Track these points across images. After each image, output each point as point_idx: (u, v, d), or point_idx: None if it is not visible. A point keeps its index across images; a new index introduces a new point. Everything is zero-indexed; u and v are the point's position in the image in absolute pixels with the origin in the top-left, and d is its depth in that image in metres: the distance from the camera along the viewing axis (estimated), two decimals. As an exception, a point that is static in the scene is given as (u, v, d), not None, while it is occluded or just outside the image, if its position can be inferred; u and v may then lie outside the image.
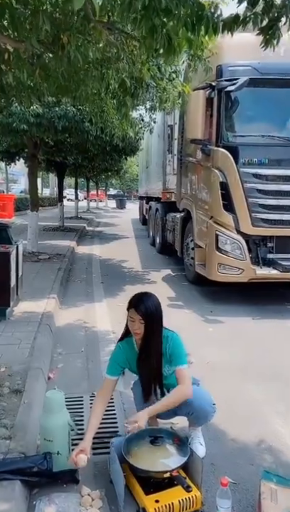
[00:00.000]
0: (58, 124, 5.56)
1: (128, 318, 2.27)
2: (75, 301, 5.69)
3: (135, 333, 2.25)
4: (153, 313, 2.22)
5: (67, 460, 2.21)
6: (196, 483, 2.05)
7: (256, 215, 5.23)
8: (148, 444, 2.15)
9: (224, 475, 2.27)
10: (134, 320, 2.22)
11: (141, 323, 2.21)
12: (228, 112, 5.28)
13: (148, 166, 12.97)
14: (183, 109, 6.97)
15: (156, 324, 2.24)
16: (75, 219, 17.81)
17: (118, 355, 2.40)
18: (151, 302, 2.24)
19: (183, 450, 2.13)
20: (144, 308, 2.20)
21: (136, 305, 2.21)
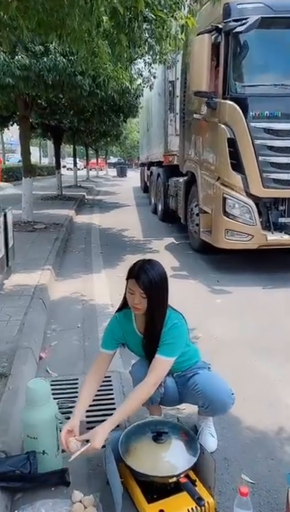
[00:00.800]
0: (48, 78, 4.99)
1: (126, 289, 1.88)
2: (72, 273, 5.32)
3: (135, 307, 1.86)
4: (157, 286, 1.81)
5: (55, 458, 1.89)
6: (208, 487, 1.72)
7: (267, 175, 4.74)
8: (149, 441, 1.80)
9: (240, 472, 1.96)
10: (134, 293, 1.81)
11: (142, 298, 1.81)
12: (237, 58, 4.70)
13: (149, 129, 12.30)
14: (185, 60, 6.34)
15: (161, 300, 1.85)
16: (74, 188, 17.23)
17: (114, 328, 2.03)
18: (155, 272, 1.82)
19: (192, 448, 1.78)
20: (147, 280, 1.78)
21: (137, 275, 1.79)
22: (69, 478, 1.86)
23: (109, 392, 2.63)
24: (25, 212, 7.72)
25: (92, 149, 28.14)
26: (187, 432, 1.89)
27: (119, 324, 2.02)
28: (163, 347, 1.87)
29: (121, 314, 2.03)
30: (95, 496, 1.76)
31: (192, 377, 2.03)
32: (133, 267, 1.85)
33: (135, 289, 1.80)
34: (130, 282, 1.83)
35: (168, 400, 2.12)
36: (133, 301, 1.84)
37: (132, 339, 2.02)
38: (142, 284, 1.77)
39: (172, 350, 1.88)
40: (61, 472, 1.86)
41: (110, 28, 3.19)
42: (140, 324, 1.98)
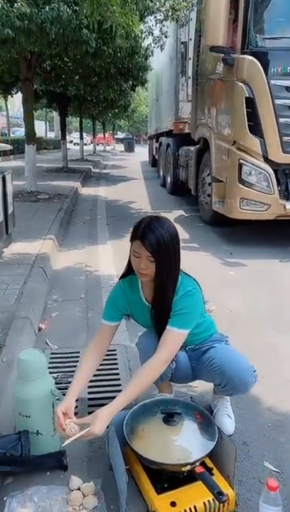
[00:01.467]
0: (51, 31, 4.58)
1: (131, 251, 1.59)
2: (76, 243, 5.05)
3: (140, 273, 1.57)
4: (167, 248, 1.51)
5: (51, 439, 1.65)
6: (226, 476, 1.48)
7: (288, 139, 4.37)
8: (160, 423, 1.55)
9: (262, 459, 1.71)
10: (140, 256, 1.53)
11: (149, 261, 1.52)
12: (258, 7, 4.25)
13: (158, 99, 11.77)
14: (200, 17, 5.87)
15: (171, 263, 1.56)
16: (80, 161, 16.79)
17: (117, 297, 1.75)
18: (164, 231, 1.52)
19: (209, 431, 1.53)
20: (155, 241, 1.49)
21: (143, 235, 1.50)
22: (66, 461, 1.63)
23: (114, 367, 2.39)
24: (28, 182, 7.40)
25: (99, 122, 27.43)
26: (202, 412, 1.64)
27: (123, 293, 1.74)
28: (175, 318, 1.60)
29: (125, 282, 1.75)
30: (96, 482, 1.53)
31: (208, 351, 1.76)
32: (138, 226, 1.55)
33: (141, 251, 1.52)
34: (135, 244, 1.54)
35: (180, 377, 1.86)
36: (139, 266, 1.55)
37: (139, 309, 1.75)
38: (149, 245, 1.48)
39: (186, 322, 1.60)
40: (57, 455, 1.63)
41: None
42: (148, 292, 1.70)
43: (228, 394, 1.74)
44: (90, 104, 14.80)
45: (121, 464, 1.41)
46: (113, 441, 1.53)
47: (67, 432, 1.48)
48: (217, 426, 1.56)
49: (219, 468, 1.51)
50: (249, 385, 1.65)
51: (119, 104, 15.63)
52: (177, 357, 1.79)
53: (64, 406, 1.53)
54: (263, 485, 1.57)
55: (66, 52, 5.53)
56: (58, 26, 4.68)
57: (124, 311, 1.76)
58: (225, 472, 1.49)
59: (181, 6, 6.23)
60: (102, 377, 2.26)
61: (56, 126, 33.18)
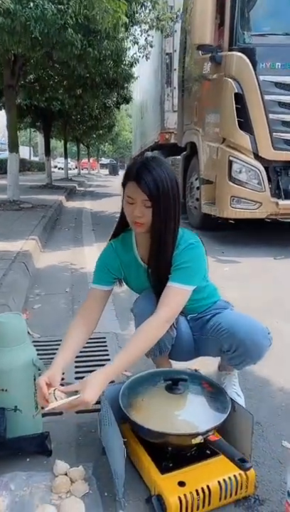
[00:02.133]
0: (35, 29, 4.51)
1: (124, 198, 1.37)
2: (61, 245, 4.82)
3: (135, 222, 1.35)
4: (166, 189, 1.29)
5: (32, 419, 1.39)
6: (242, 454, 1.23)
7: (278, 135, 4.31)
8: (162, 392, 1.31)
9: (279, 439, 1.48)
10: (134, 201, 1.32)
11: (145, 207, 1.31)
12: (245, 4, 4.26)
13: (143, 116, 11.87)
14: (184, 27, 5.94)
15: (171, 208, 1.33)
16: (65, 180, 16.69)
17: (109, 258, 1.52)
18: (162, 170, 1.30)
19: (220, 400, 1.30)
20: (152, 181, 1.27)
21: (138, 175, 1.28)
22: (50, 445, 1.37)
23: (104, 354, 2.13)
24: (11, 191, 7.17)
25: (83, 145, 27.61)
26: (210, 382, 1.41)
27: (115, 253, 1.52)
28: (176, 272, 1.38)
29: (117, 241, 1.54)
30: (86, 467, 1.27)
31: (213, 318, 1.55)
32: (131, 166, 1.34)
33: (136, 195, 1.30)
34: (128, 187, 1.32)
35: (181, 350, 1.62)
36: (133, 213, 1.33)
37: (133, 271, 1.53)
38: (146, 186, 1.27)
39: (189, 277, 1.38)
40: (40, 437, 1.37)
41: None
42: (143, 249, 1.48)
43: (238, 363, 1.49)
44: (75, 122, 14.84)
45: (117, 437, 1.16)
46: (107, 415, 1.28)
47: (51, 401, 1.22)
48: (228, 395, 1.33)
49: (235, 444, 1.26)
50: (263, 349, 1.42)
51: (103, 125, 15.74)
52: (178, 325, 1.56)
53: (47, 376, 1.27)
54: (283, 466, 1.34)
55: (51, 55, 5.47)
56: (42, 25, 4.61)
57: (116, 274, 1.54)
58: (241, 449, 1.24)
59: (166, 16, 6.30)
60: (91, 364, 2.00)
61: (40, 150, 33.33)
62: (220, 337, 1.47)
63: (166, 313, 1.35)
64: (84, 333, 1.46)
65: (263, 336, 1.42)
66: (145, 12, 6.28)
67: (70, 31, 4.80)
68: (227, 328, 1.45)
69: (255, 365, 1.92)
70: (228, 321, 1.48)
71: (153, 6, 6.16)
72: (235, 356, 1.46)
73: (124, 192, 1.36)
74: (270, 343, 1.44)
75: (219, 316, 1.55)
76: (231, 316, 1.52)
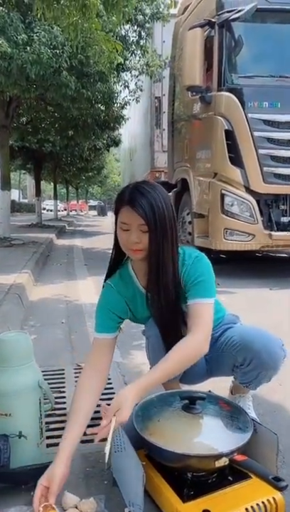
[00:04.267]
0: (30, 71, 4.68)
1: (118, 226, 1.29)
2: (53, 279, 4.74)
3: (132, 250, 1.28)
4: (162, 212, 1.23)
5: (37, 447, 1.28)
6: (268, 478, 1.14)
7: (268, 169, 4.44)
8: (179, 412, 1.22)
9: (302, 464, 1.38)
10: (130, 227, 1.25)
11: (142, 232, 1.24)
12: (232, 49, 4.53)
13: (131, 159, 12.24)
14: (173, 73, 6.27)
15: (168, 234, 1.27)
16: (55, 220, 16.78)
17: (110, 300, 1.41)
18: (157, 194, 1.25)
19: (241, 420, 1.22)
20: (148, 204, 1.21)
21: (132, 199, 1.22)
22: (57, 477, 1.24)
23: (107, 382, 2.02)
24: (2, 228, 7.15)
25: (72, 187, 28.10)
26: (228, 402, 1.33)
27: (117, 292, 1.41)
28: (194, 288, 1.30)
29: (115, 279, 1.43)
30: (98, 499, 1.15)
31: (224, 333, 1.49)
32: (123, 192, 1.28)
33: (131, 220, 1.24)
34: (122, 213, 1.26)
35: (193, 372, 1.51)
36: (129, 240, 1.25)
37: (139, 304, 1.43)
38: (141, 209, 1.20)
39: (207, 289, 1.31)
40: (45, 468, 1.24)
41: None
42: (143, 277, 1.39)
43: (252, 378, 1.40)
44: (65, 164, 15.17)
45: (135, 462, 1.07)
46: (119, 438, 1.18)
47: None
48: (249, 415, 1.25)
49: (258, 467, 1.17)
50: (279, 359, 1.34)
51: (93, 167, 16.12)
52: None
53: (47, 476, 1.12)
54: (310, 493, 1.24)
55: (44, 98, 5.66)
56: (38, 68, 4.79)
57: (122, 316, 1.43)
58: (267, 472, 1.15)
59: (155, 63, 6.65)
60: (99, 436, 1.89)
61: (29, 192, 33.77)
62: (233, 351, 1.40)
63: (203, 331, 1.27)
64: (97, 384, 1.33)
65: (278, 346, 1.36)
66: (135, 59, 6.62)
67: (64, 74, 5.01)
68: (240, 340, 1.39)
69: (265, 390, 1.86)
70: (240, 333, 1.42)
71: (142, 54, 6.51)
72: (249, 370, 1.38)
73: (116, 220, 1.30)
74: (285, 355, 1.37)
75: (230, 330, 1.49)
76: (243, 329, 1.47)
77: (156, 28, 6.97)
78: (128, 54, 6.38)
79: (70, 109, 5.80)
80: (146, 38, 6.40)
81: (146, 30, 6.29)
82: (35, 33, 4.58)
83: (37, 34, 4.59)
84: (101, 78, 5.30)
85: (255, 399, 1.76)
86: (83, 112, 6.43)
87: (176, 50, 6.17)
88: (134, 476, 1.08)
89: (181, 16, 6.13)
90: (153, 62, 6.56)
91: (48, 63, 4.83)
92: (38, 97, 5.89)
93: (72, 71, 5.02)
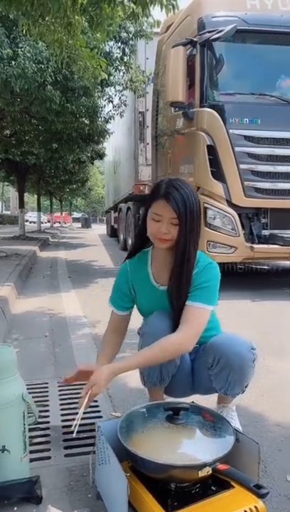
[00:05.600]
0: (15, 85, 4.71)
1: (150, 215, 1.39)
2: (37, 292, 4.71)
3: (160, 239, 1.38)
4: (192, 208, 1.35)
5: (20, 462, 1.27)
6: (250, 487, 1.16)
7: (248, 183, 4.53)
8: (163, 423, 1.24)
9: (283, 474, 1.42)
10: (161, 218, 1.35)
11: (172, 225, 1.34)
12: (213, 67, 4.65)
13: (116, 172, 12.29)
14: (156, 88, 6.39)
15: (196, 227, 1.38)
16: (38, 232, 16.67)
17: (120, 279, 1.56)
18: (188, 190, 1.36)
19: (223, 429, 1.24)
20: (181, 199, 1.32)
21: (167, 193, 1.33)
22: (41, 491, 1.24)
23: (90, 395, 2.02)
24: (-15, 240, 7.06)
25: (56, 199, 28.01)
26: (211, 412, 1.35)
27: (128, 272, 1.53)
28: (197, 292, 1.38)
29: (133, 260, 1.55)
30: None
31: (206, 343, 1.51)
32: (158, 186, 1.39)
33: (164, 212, 1.34)
34: (156, 205, 1.36)
35: (179, 383, 1.55)
36: (159, 230, 1.36)
37: (143, 290, 1.52)
38: (175, 204, 1.31)
39: (209, 297, 1.39)
40: (28, 483, 1.24)
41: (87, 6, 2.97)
42: (158, 267, 1.49)
43: (223, 380, 1.42)
44: (49, 176, 15.15)
45: (119, 474, 1.07)
46: (103, 450, 1.19)
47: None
48: (231, 425, 1.27)
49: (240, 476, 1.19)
50: (245, 359, 1.38)
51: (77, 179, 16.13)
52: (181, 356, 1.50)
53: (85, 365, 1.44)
54: (292, 502, 1.26)
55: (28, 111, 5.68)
56: (23, 82, 4.83)
57: (130, 296, 1.55)
58: (249, 482, 1.17)
59: (138, 79, 6.77)
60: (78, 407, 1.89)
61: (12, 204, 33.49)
62: (206, 353, 1.46)
63: (191, 330, 1.35)
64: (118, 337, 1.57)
65: (246, 347, 1.41)
66: (119, 75, 6.74)
67: (49, 88, 5.05)
68: (211, 342, 1.46)
69: (248, 401, 1.89)
70: (214, 339, 1.48)
71: (126, 70, 6.62)
72: (219, 372, 1.41)
73: (150, 209, 1.40)
74: (254, 358, 1.41)
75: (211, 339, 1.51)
76: (218, 336, 1.50)
77: (139, 45, 7.11)
78: (112, 70, 6.49)
79: (55, 123, 5.85)
80: (129, 55, 6.53)
81: (129, 47, 6.42)
82: (20, 48, 4.64)
83: (22, 49, 4.65)
84: (85, 93, 5.37)
85: (238, 410, 1.78)
86: (67, 126, 6.48)
87: (159, 66, 6.31)
88: (118, 487, 1.08)
89: (164, 34, 6.28)
90: (137, 78, 6.68)
91: (33, 77, 4.88)
92: (22, 111, 5.91)
93: (57, 85, 5.07)
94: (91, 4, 2.91)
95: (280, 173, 4.58)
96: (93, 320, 3.41)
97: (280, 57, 4.74)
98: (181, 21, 5.35)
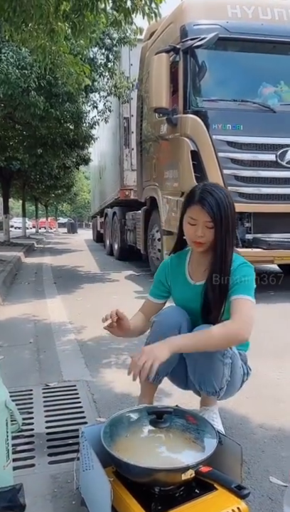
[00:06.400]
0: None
1: (186, 219, 1.49)
2: (21, 298, 4.67)
3: (196, 242, 1.48)
4: (226, 211, 1.42)
5: (2, 470, 1.26)
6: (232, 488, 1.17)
7: (232, 188, 4.58)
8: (147, 426, 1.25)
9: (266, 475, 1.43)
10: (197, 222, 1.44)
11: (207, 228, 1.43)
12: (196, 74, 4.71)
13: (101, 177, 12.30)
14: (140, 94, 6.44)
15: (231, 228, 1.45)
16: (23, 238, 16.53)
17: (160, 271, 1.69)
18: (222, 194, 1.44)
19: (206, 432, 1.25)
20: (215, 203, 1.40)
21: (201, 198, 1.41)
22: (24, 499, 1.23)
23: (76, 401, 2.02)
24: None
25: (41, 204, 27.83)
26: (194, 415, 1.36)
27: (169, 266, 1.66)
28: (238, 286, 1.44)
29: (175, 256, 1.68)
30: (66, 519, 1.14)
31: None
32: (192, 192, 1.48)
33: (199, 217, 1.43)
34: (191, 210, 1.46)
35: (177, 372, 1.59)
36: (195, 234, 1.45)
37: (179, 285, 1.61)
38: (209, 208, 1.39)
39: (250, 289, 1.44)
40: (11, 491, 1.23)
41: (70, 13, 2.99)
42: (194, 267, 1.59)
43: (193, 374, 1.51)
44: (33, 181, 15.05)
45: (102, 479, 1.07)
46: (87, 456, 1.19)
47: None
48: (214, 428, 1.29)
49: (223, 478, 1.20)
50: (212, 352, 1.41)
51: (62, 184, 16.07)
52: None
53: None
54: (274, 502, 1.29)
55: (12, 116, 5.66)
56: (6, 88, 4.82)
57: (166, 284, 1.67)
58: (229, 484, 1.18)
59: (123, 85, 6.81)
60: (63, 412, 1.89)
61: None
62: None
63: (244, 320, 1.37)
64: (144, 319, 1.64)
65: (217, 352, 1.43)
66: (103, 81, 6.77)
67: (33, 93, 5.05)
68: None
69: (232, 403, 1.91)
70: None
71: (110, 76, 6.66)
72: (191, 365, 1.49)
73: (184, 214, 1.50)
74: (224, 353, 1.44)
75: None
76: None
77: (123, 51, 7.16)
78: (96, 76, 6.51)
79: (39, 128, 5.84)
80: (113, 61, 6.57)
81: (113, 53, 6.47)
82: (3, 54, 4.63)
83: (5, 54, 4.64)
84: (69, 98, 5.38)
85: (223, 412, 1.80)
86: (52, 131, 6.47)
87: (143, 73, 6.36)
88: (102, 493, 1.08)
89: (147, 41, 6.35)
90: (121, 84, 6.72)
91: (16, 83, 4.86)
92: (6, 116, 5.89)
93: (41, 91, 5.07)
94: (74, 11, 2.93)
95: (263, 178, 4.64)
96: (78, 326, 3.40)
97: (261, 64, 4.84)
98: (164, 28, 5.41)
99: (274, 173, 4.64)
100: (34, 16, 2.93)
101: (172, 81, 4.89)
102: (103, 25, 2.97)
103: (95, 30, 2.89)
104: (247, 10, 4.80)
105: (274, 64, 4.88)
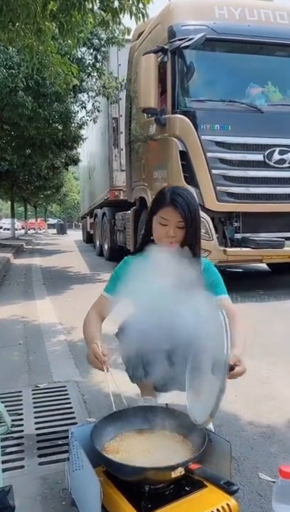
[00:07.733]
0: (-15, 91, 4.67)
1: (156, 220, 1.52)
2: (10, 300, 4.63)
3: (167, 242, 1.51)
4: (195, 213, 1.51)
5: (-9, 473, 1.25)
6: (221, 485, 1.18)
7: (220, 188, 4.61)
8: (136, 426, 1.25)
9: (256, 471, 1.45)
10: (168, 223, 1.48)
11: (178, 228, 1.48)
12: (184, 74, 4.73)
13: (90, 177, 12.25)
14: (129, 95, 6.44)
15: (199, 230, 1.55)
16: (12, 239, 16.40)
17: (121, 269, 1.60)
18: (191, 197, 1.51)
19: (195, 431, 1.26)
20: (185, 204, 1.46)
21: (174, 199, 1.47)
22: (13, 501, 1.22)
23: (66, 402, 2.01)
24: None
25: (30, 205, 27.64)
26: (184, 414, 1.36)
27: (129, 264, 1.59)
28: (219, 287, 1.56)
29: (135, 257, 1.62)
30: (56, 520, 1.14)
31: None
32: (161, 194, 1.52)
33: (171, 217, 1.47)
34: (163, 211, 1.50)
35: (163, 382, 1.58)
36: (167, 234, 1.49)
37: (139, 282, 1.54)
38: (181, 209, 1.45)
39: (224, 288, 1.57)
40: (1, 493, 1.22)
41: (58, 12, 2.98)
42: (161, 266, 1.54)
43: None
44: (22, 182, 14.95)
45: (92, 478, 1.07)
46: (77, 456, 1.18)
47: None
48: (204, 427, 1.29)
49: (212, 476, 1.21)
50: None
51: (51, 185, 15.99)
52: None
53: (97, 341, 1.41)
54: (263, 498, 1.30)
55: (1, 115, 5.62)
56: (-7, 87, 4.79)
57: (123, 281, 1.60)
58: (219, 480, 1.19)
59: (111, 85, 6.81)
60: (53, 413, 1.88)
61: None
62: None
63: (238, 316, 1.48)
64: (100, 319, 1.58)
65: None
66: (92, 81, 6.76)
67: (20, 93, 5.02)
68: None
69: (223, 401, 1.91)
70: None
71: (99, 76, 6.65)
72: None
73: (154, 216, 1.53)
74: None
75: None
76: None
77: (111, 51, 7.15)
78: (84, 76, 6.50)
79: (27, 128, 5.81)
80: (102, 61, 6.57)
81: (102, 53, 6.46)
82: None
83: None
84: (57, 98, 5.37)
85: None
86: (40, 131, 6.44)
87: (131, 73, 6.36)
88: (92, 493, 1.08)
89: (136, 41, 6.35)
90: (110, 84, 6.72)
91: (4, 83, 4.84)
92: (-7, 116, 5.86)
93: (29, 91, 5.05)
94: (61, 11, 2.92)
95: (251, 178, 4.68)
96: (68, 327, 3.39)
97: (248, 65, 4.87)
98: (152, 29, 5.42)
99: (262, 173, 4.68)
100: (21, 16, 2.90)
101: (160, 81, 4.89)
102: (91, 25, 2.97)
103: (83, 30, 2.89)
104: (234, 11, 4.83)
105: (261, 64, 4.92)
